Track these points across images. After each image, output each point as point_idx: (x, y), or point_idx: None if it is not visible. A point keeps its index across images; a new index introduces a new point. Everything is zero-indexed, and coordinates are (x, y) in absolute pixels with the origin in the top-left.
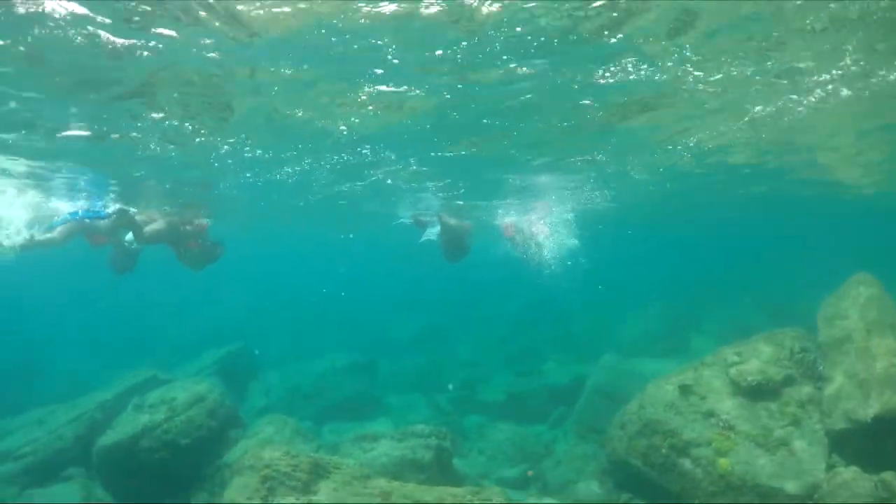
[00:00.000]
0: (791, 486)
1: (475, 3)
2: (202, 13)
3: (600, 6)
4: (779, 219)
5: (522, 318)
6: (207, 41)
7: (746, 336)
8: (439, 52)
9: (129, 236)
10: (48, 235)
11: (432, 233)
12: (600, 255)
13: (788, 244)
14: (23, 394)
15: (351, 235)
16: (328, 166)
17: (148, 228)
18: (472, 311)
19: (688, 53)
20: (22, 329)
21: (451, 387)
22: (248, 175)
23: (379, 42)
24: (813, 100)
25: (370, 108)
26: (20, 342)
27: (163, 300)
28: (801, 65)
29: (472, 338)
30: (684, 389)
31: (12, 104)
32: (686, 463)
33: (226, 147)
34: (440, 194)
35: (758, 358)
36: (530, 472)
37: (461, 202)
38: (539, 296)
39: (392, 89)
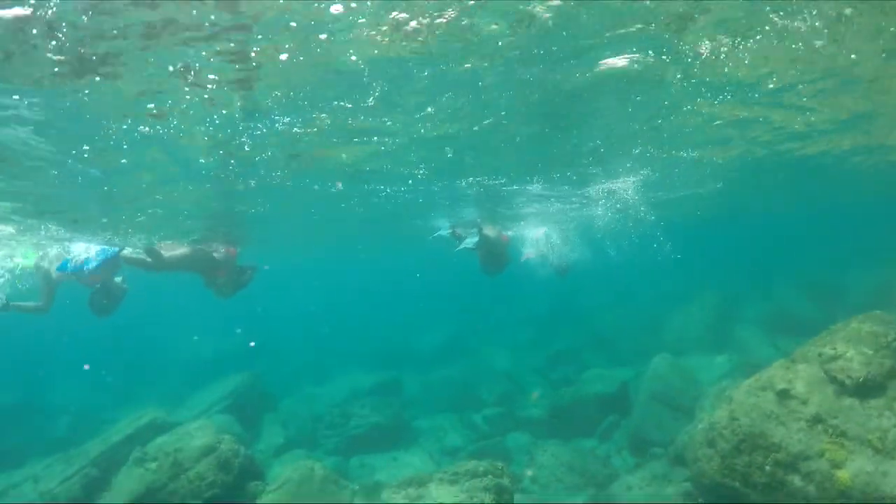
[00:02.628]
0: None
1: None
2: None
3: None
4: (819, 200)
5: (553, 320)
6: None
7: (799, 326)
8: None
9: (119, 279)
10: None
11: (470, 242)
12: (630, 249)
13: (829, 227)
14: (24, 436)
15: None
16: None
17: (169, 254)
18: (498, 316)
19: None
20: (19, 364)
21: None
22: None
23: None
24: None
25: None
26: (18, 379)
27: (164, 321)
28: None
29: (501, 346)
30: (782, 394)
31: None
32: (795, 480)
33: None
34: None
35: (857, 350)
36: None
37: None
38: (568, 296)
39: None
